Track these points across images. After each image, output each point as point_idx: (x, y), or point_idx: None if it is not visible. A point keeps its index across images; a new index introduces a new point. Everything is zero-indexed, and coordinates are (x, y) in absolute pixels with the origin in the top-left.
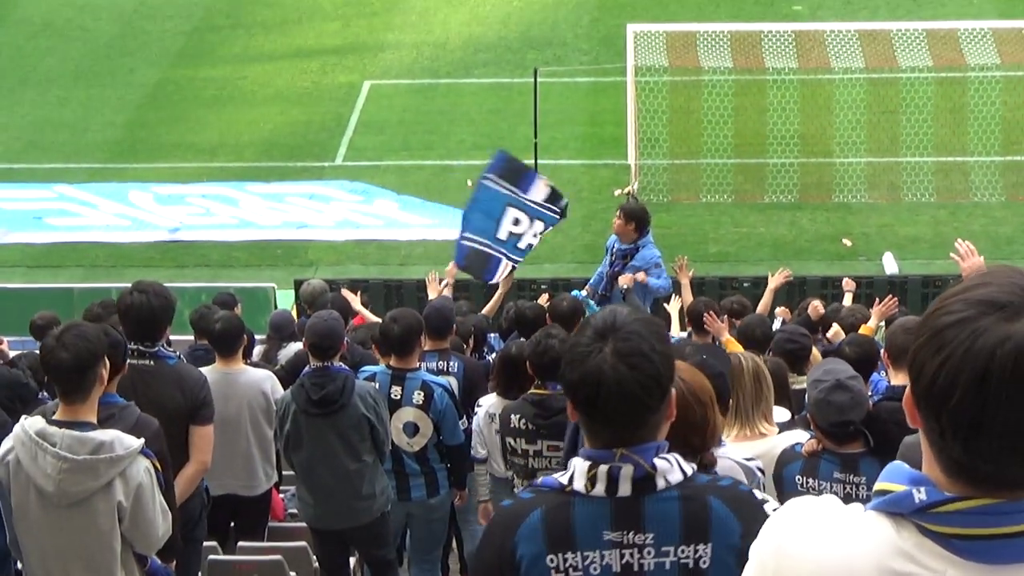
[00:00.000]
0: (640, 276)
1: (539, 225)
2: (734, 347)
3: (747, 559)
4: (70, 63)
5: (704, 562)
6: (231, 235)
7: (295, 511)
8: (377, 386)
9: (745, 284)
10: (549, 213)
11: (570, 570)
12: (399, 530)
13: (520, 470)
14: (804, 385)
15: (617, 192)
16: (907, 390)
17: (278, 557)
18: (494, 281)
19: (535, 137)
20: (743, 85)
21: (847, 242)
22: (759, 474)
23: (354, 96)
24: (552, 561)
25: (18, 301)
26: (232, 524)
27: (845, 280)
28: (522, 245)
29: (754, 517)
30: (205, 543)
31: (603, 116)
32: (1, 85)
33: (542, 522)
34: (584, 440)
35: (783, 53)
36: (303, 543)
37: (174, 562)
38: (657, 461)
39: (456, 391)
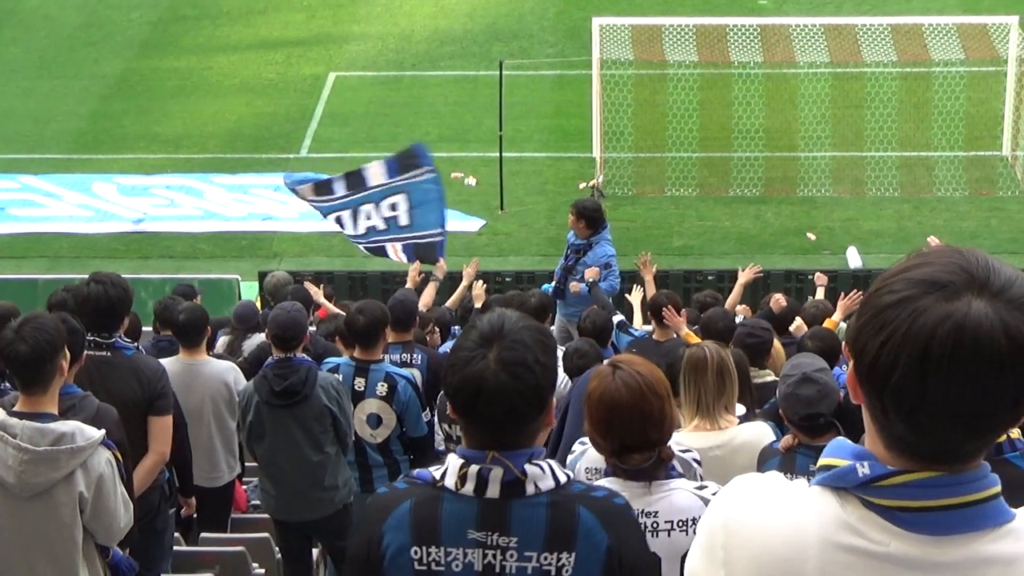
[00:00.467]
0: (593, 272)
1: (390, 201)
2: (694, 341)
3: (613, 570)
4: (34, 53)
5: (567, 571)
6: (196, 226)
7: (259, 503)
8: (341, 378)
9: (710, 277)
10: (394, 184)
11: (432, 564)
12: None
13: None
14: (765, 379)
15: (582, 185)
16: (850, 368)
17: (240, 549)
18: (440, 261)
19: (500, 130)
20: (708, 79)
21: (811, 236)
22: (695, 466)
23: (319, 88)
24: (416, 553)
25: None
26: (195, 515)
27: (817, 274)
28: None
29: (625, 530)
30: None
31: (568, 109)
32: None
33: (410, 514)
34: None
35: (748, 47)
36: (266, 535)
37: (128, 549)
38: (529, 467)
39: (420, 383)
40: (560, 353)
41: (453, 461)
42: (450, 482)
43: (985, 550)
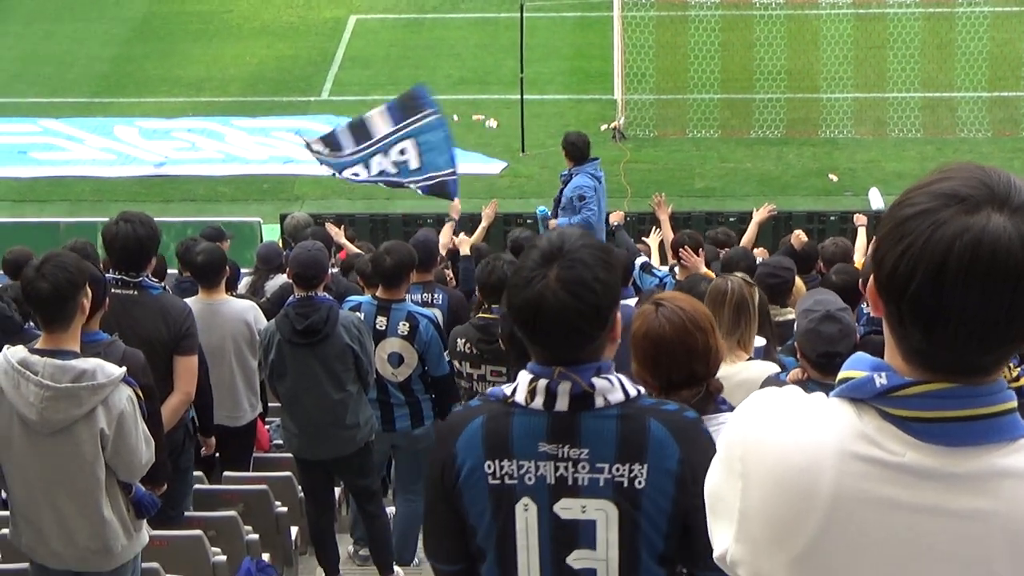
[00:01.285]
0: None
1: (399, 147)
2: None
3: (686, 483)
4: None
5: (639, 482)
6: (217, 169)
7: (281, 442)
8: (362, 316)
9: (731, 219)
10: (399, 132)
11: (505, 478)
12: (383, 461)
13: (466, 394)
14: (787, 317)
15: (604, 127)
16: (871, 278)
17: (263, 487)
18: (455, 200)
19: (521, 72)
20: (730, 20)
21: (833, 177)
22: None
23: (340, 31)
24: (489, 467)
25: (4, 235)
26: (217, 455)
27: (857, 216)
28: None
29: (695, 443)
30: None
31: (590, 51)
32: None
33: (482, 429)
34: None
35: None
36: (288, 473)
37: (164, 487)
38: (596, 380)
39: (440, 323)
40: None
41: (523, 377)
42: (520, 397)
43: (999, 463)
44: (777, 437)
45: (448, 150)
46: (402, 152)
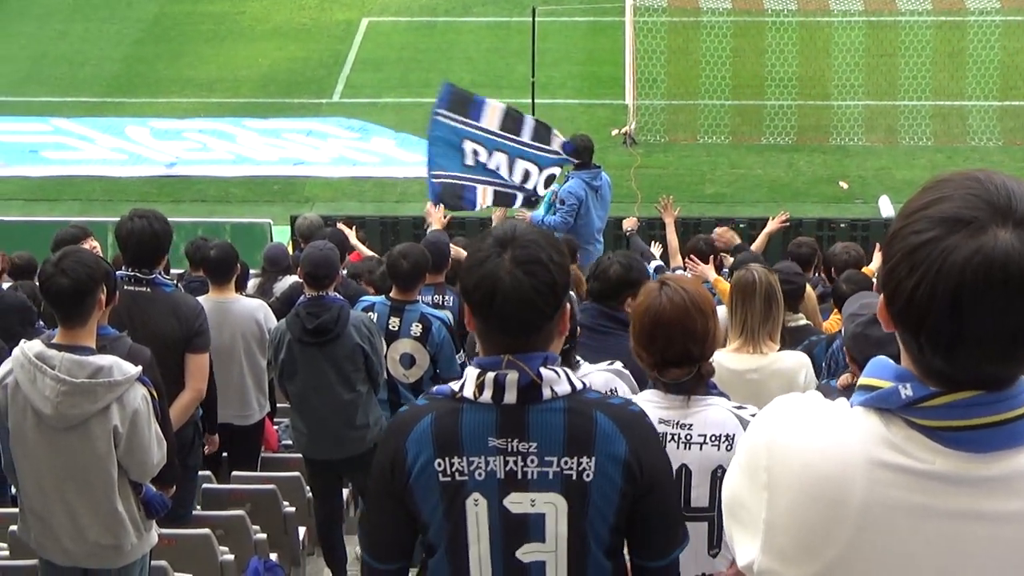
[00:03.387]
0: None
1: (523, 166)
2: (724, 287)
3: (633, 475)
4: None
5: (588, 475)
6: (228, 170)
7: (290, 442)
8: (376, 317)
9: (741, 225)
10: (534, 151)
11: (456, 474)
12: None
13: None
14: (799, 323)
15: (614, 132)
16: (880, 301)
17: (272, 487)
18: (477, 208)
19: (533, 76)
20: (742, 26)
21: (844, 184)
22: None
23: (352, 33)
24: (439, 465)
25: (15, 234)
26: (225, 454)
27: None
28: (519, 183)
29: (641, 435)
30: (200, 472)
31: (601, 56)
32: None
33: (432, 427)
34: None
35: None
36: (296, 473)
37: (173, 489)
38: (544, 371)
39: (452, 324)
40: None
41: (470, 372)
42: (468, 392)
43: None
44: (803, 446)
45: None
46: (475, 153)
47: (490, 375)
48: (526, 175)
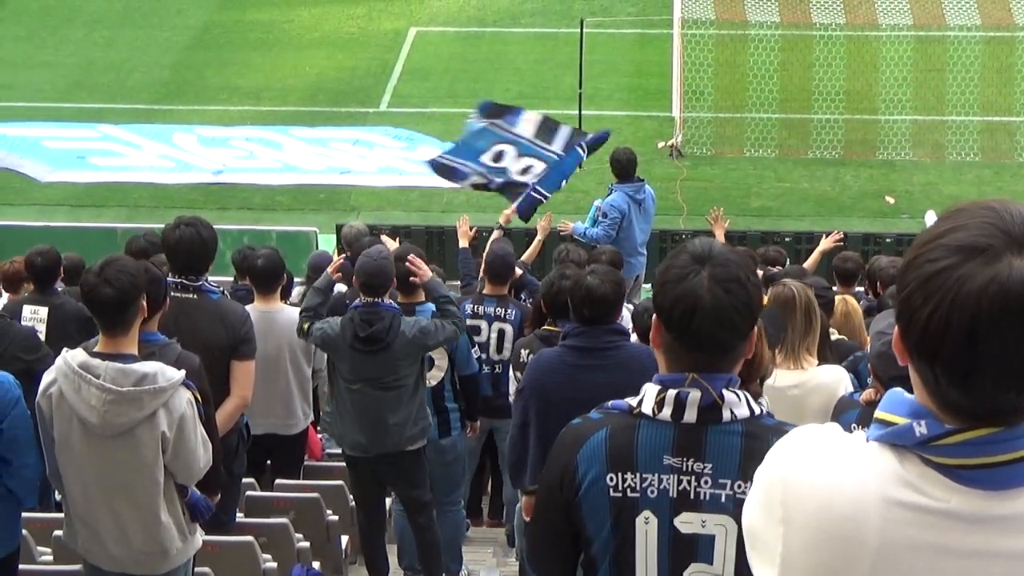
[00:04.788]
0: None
1: (527, 161)
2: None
3: None
4: (118, 3)
5: None
6: (274, 179)
7: (333, 451)
8: None
9: (787, 239)
10: (545, 151)
11: (628, 490)
12: None
13: None
14: (837, 337)
15: (661, 144)
16: (895, 332)
17: (315, 495)
18: (459, 187)
19: (580, 87)
20: (790, 40)
21: (890, 199)
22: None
23: (400, 43)
24: (611, 480)
25: (62, 239)
26: (268, 462)
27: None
28: (516, 177)
29: None
30: (243, 480)
31: (648, 68)
32: (48, 24)
33: (606, 442)
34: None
35: (831, 9)
36: (339, 482)
37: (219, 496)
38: (726, 392)
39: (512, 338)
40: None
41: (650, 388)
42: (647, 408)
43: None
44: (818, 483)
45: (558, 182)
46: (498, 156)
47: (671, 392)
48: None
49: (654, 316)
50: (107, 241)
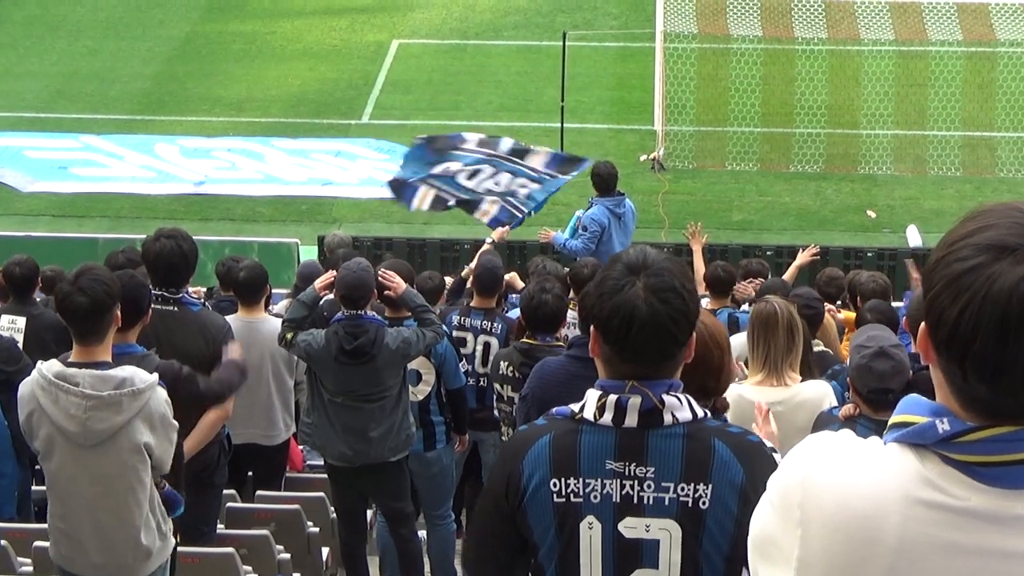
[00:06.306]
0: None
1: (505, 177)
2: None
3: (750, 504)
4: (101, 13)
5: (703, 502)
6: (256, 190)
7: (314, 462)
8: None
9: (768, 252)
10: (525, 169)
11: (571, 496)
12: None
13: (506, 417)
14: (818, 348)
15: (643, 158)
16: (921, 331)
17: (296, 507)
18: (412, 209)
19: (562, 100)
20: (772, 54)
21: (871, 214)
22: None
23: (382, 55)
24: (555, 486)
25: (43, 250)
26: (250, 473)
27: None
28: (471, 186)
29: (759, 465)
30: (224, 491)
31: (631, 81)
32: (31, 33)
33: (549, 447)
34: (600, 372)
35: (813, 23)
36: (320, 494)
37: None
38: (666, 397)
39: (496, 349)
40: None
41: (591, 394)
42: (588, 413)
43: None
44: (838, 484)
45: (542, 200)
46: (520, 186)
47: (612, 397)
48: (512, 184)
49: (591, 327)
50: (88, 252)
